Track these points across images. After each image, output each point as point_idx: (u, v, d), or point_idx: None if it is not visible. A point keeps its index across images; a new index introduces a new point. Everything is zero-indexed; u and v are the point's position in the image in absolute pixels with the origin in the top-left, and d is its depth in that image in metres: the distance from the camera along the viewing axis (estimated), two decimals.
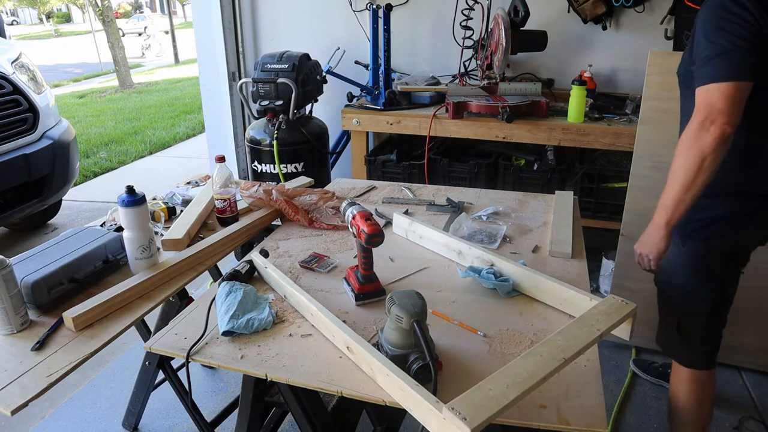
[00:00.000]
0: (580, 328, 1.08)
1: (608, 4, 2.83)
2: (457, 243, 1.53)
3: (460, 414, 0.85)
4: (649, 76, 2.01)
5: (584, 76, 2.82)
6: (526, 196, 2.01)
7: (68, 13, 35.80)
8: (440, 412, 0.88)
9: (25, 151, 3.07)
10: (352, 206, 1.37)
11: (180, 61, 15.64)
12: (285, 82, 2.72)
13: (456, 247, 1.53)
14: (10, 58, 3.28)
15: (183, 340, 1.19)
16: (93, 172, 5.51)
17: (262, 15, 3.62)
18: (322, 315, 1.18)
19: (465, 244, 1.51)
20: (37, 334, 1.25)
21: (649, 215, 1.47)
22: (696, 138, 1.27)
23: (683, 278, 1.53)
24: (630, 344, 2.39)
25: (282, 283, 1.33)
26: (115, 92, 10.80)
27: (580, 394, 1.02)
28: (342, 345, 1.13)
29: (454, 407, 0.86)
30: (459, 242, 1.52)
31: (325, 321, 1.17)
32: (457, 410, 0.86)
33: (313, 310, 1.20)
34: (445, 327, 1.23)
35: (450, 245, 1.55)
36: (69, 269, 1.40)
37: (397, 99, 2.92)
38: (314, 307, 1.20)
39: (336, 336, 1.15)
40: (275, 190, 1.83)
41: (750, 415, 2.05)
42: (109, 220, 1.78)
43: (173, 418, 2.10)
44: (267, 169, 2.88)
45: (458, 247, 1.52)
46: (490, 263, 1.41)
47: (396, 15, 3.10)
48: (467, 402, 0.88)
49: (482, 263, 1.43)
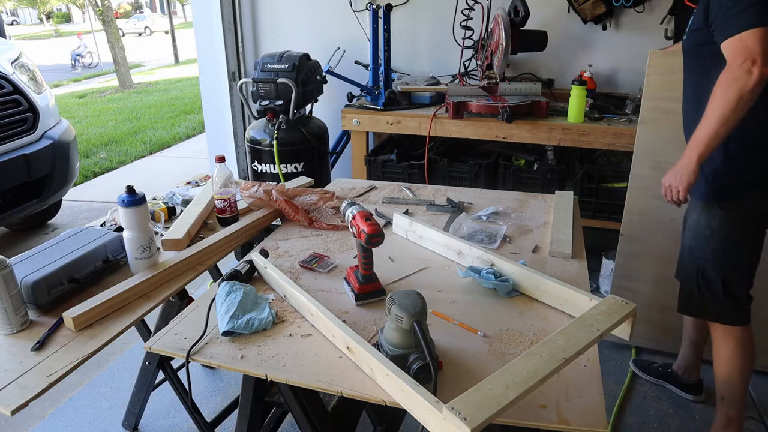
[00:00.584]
0: (580, 328, 1.08)
1: (608, 4, 2.82)
2: (457, 243, 1.52)
3: (460, 414, 0.85)
4: (649, 76, 2.01)
5: (584, 76, 2.82)
6: (526, 196, 2.01)
7: (68, 13, 35.80)
8: (440, 412, 0.88)
9: (25, 151, 3.07)
10: (352, 206, 1.37)
11: (180, 61, 15.65)
12: (285, 82, 2.72)
13: (456, 247, 1.53)
14: (10, 58, 3.29)
15: (183, 340, 1.19)
16: (93, 172, 5.51)
17: (262, 15, 3.62)
18: (321, 315, 1.18)
19: (465, 244, 1.51)
20: (37, 334, 1.25)
21: (649, 215, 1.49)
22: (736, 79, 1.38)
23: (725, 239, 1.64)
24: (630, 344, 2.39)
25: (282, 283, 1.33)
26: (115, 92, 10.81)
27: (580, 394, 1.02)
28: (342, 345, 1.13)
29: (454, 407, 0.86)
30: (459, 242, 1.52)
31: (324, 321, 1.17)
32: (457, 410, 0.86)
33: (313, 310, 1.20)
34: (445, 327, 1.23)
35: (450, 245, 1.55)
36: (69, 269, 1.40)
37: (397, 99, 2.92)
38: (314, 307, 1.20)
39: (336, 336, 1.15)
40: (275, 190, 1.83)
41: (750, 415, 2.05)
42: (109, 220, 1.78)
43: (173, 418, 2.10)
44: (267, 169, 2.88)
45: (458, 247, 1.52)
46: (490, 263, 1.41)
47: (396, 15, 3.10)
48: (467, 402, 0.88)
49: (482, 263, 1.43)
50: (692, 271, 1.74)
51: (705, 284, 1.72)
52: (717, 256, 1.67)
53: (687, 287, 1.79)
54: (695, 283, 1.74)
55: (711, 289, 1.71)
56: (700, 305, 1.77)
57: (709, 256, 1.68)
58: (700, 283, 1.73)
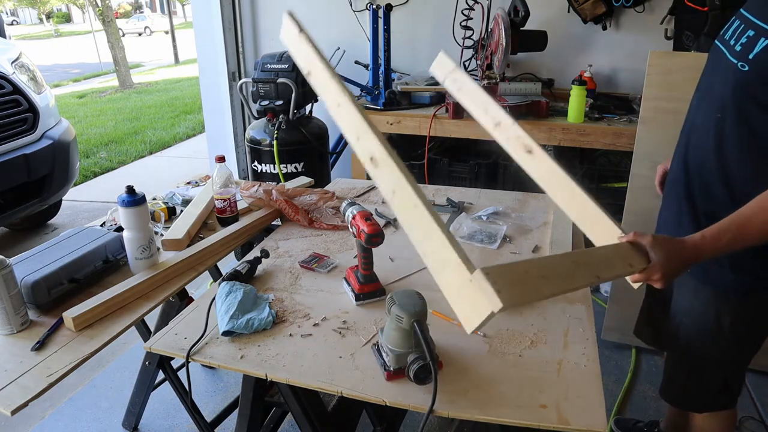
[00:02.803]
0: (611, 258, 0.96)
1: (608, 4, 2.82)
2: (497, 111, 1.23)
3: (495, 283, 0.69)
4: (649, 76, 2.01)
5: (584, 76, 2.82)
6: (526, 196, 2.01)
7: (68, 13, 35.81)
8: (469, 273, 0.72)
9: (25, 151, 3.07)
10: (352, 206, 1.37)
11: (180, 61, 15.64)
12: (285, 82, 2.72)
13: (495, 114, 1.23)
14: (10, 58, 3.28)
15: (183, 340, 1.19)
16: (93, 172, 5.51)
17: (262, 15, 3.62)
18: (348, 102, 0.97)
19: (505, 115, 1.22)
20: (37, 334, 1.25)
21: (649, 215, 1.43)
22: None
23: (737, 338, 1.30)
24: (630, 344, 2.39)
25: (312, 57, 1.07)
26: (115, 92, 10.80)
27: (580, 394, 1.01)
28: (365, 156, 0.94)
29: (489, 273, 0.71)
30: (498, 110, 1.23)
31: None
32: (493, 278, 0.70)
33: (335, 88, 0.99)
34: (445, 327, 1.23)
35: (489, 110, 1.24)
36: (69, 269, 1.40)
37: (397, 99, 2.92)
38: (337, 86, 0.99)
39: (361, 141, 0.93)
40: (275, 190, 1.83)
41: (750, 415, 2.05)
42: (109, 220, 1.78)
43: (173, 418, 2.10)
44: (267, 169, 2.88)
45: (497, 116, 1.23)
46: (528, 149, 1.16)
47: (396, 15, 3.10)
48: (503, 274, 0.72)
49: (520, 145, 1.18)
50: (684, 366, 1.41)
51: (698, 381, 1.38)
52: (723, 356, 1.32)
53: (674, 377, 1.46)
54: (685, 378, 1.41)
55: (705, 387, 1.38)
56: (685, 398, 1.46)
57: (712, 355, 1.33)
58: (692, 379, 1.40)
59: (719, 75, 1.19)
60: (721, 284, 1.24)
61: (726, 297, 1.25)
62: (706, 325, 1.29)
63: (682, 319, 1.35)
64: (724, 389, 1.37)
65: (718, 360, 1.33)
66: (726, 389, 1.37)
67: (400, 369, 1.05)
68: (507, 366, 1.10)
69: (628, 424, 1.98)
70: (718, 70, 1.20)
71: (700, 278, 1.28)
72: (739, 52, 1.12)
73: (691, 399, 1.44)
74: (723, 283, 1.24)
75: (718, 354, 1.32)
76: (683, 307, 1.35)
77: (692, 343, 1.35)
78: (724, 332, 1.27)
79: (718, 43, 1.23)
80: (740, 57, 1.11)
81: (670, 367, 1.47)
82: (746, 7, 1.17)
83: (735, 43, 1.14)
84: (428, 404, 0.97)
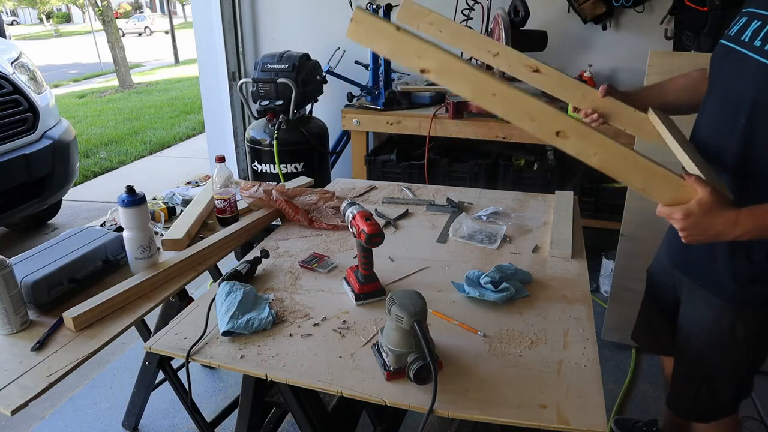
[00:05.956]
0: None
1: (608, 4, 2.83)
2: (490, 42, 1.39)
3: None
4: (649, 76, 2.00)
5: (584, 76, 2.82)
6: (526, 196, 2.01)
7: (68, 13, 35.82)
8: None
9: (25, 151, 3.07)
10: (352, 206, 1.37)
11: (180, 61, 15.64)
12: (285, 82, 2.72)
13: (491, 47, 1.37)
14: (10, 58, 3.29)
15: (183, 340, 1.19)
16: (93, 172, 5.51)
17: (262, 15, 3.62)
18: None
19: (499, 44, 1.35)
20: (37, 334, 1.25)
21: (649, 215, 1.41)
22: None
23: (752, 350, 1.26)
24: (630, 344, 2.39)
25: (432, 52, 1.05)
26: (115, 92, 10.80)
27: (580, 394, 1.01)
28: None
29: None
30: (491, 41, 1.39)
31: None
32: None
33: (482, 78, 1.02)
34: (445, 327, 1.23)
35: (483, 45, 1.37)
36: (69, 269, 1.40)
37: (397, 99, 2.92)
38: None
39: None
40: (275, 190, 1.83)
41: (750, 416, 2.05)
42: (109, 220, 1.78)
43: (173, 418, 2.10)
44: (267, 169, 2.88)
45: (494, 47, 1.37)
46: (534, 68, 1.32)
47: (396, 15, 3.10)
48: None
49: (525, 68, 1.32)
50: (695, 378, 1.36)
51: (709, 393, 1.34)
52: (736, 369, 1.29)
53: (683, 388, 1.42)
54: (696, 390, 1.36)
55: (715, 399, 1.34)
56: (695, 410, 1.40)
57: (724, 367, 1.29)
58: (702, 392, 1.35)
59: (742, 77, 1.11)
60: (736, 296, 1.21)
61: (740, 308, 1.22)
62: (720, 336, 1.26)
63: (692, 330, 1.32)
64: (734, 399, 1.35)
65: (731, 371, 1.30)
66: (735, 399, 1.35)
67: (400, 369, 1.05)
68: (507, 366, 1.10)
69: (628, 424, 1.98)
70: (741, 72, 1.12)
71: (714, 290, 1.24)
72: (760, 48, 1.05)
73: (700, 410, 1.40)
74: (737, 294, 1.20)
75: (730, 365, 1.29)
76: (694, 319, 1.31)
77: (704, 355, 1.31)
78: (738, 344, 1.24)
79: (731, 44, 1.16)
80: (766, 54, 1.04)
81: (678, 378, 1.43)
82: (755, 5, 1.13)
83: (753, 40, 1.08)
84: (428, 404, 0.97)
